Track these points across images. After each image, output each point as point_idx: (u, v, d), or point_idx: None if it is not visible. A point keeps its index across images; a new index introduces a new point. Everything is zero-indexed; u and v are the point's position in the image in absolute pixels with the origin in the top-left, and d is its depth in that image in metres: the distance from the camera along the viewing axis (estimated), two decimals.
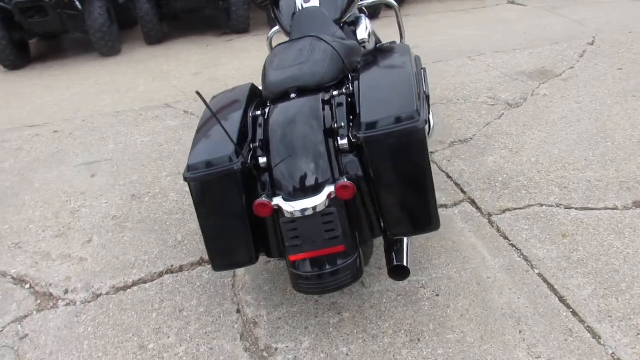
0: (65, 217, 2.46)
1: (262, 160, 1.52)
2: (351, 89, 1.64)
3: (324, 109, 1.55)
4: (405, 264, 1.50)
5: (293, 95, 1.60)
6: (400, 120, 1.41)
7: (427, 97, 2.00)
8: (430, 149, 2.66)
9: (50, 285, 2.02)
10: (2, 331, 1.83)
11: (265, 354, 1.63)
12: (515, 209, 2.15)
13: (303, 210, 1.40)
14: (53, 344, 1.74)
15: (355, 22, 2.42)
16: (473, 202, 2.23)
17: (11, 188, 2.80)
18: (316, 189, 1.42)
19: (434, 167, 2.50)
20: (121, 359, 1.66)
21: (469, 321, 1.64)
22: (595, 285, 1.71)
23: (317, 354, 1.60)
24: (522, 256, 1.89)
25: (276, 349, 1.64)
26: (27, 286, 2.04)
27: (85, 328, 1.80)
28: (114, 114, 3.66)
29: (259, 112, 1.64)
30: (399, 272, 1.52)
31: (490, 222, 2.09)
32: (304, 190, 1.43)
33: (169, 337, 1.72)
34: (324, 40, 1.77)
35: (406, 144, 1.41)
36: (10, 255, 2.23)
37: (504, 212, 2.15)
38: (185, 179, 1.50)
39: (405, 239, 1.57)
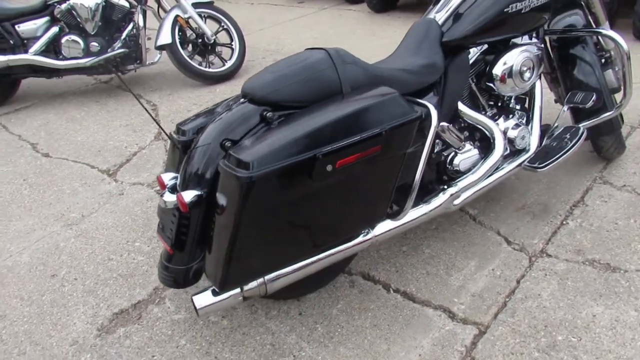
0: None
1: None
2: None
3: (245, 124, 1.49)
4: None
5: (242, 100, 1.58)
6: (239, 163, 1.28)
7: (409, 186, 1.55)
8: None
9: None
10: (122, 184, 2.67)
11: (144, 307, 1.86)
12: None
13: (163, 200, 1.50)
14: (111, 212, 2.45)
15: (502, 52, 1.88)
16: (480, 334, 1.60)
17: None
18: (181, 188, 1.48)
19: (517, 269, 1.82)
20: (110, 246, 2.22)
21: None
22: None
23: (160, 327, 1.74)
24: None
25: (152, 310, 1.84)
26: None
27: (129, 209, 2.42)
28: None
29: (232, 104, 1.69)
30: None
31: None
32: (179, 183, 1.51)
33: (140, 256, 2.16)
34: (331, 57, 1.57)
35: (229, 189, 1.29)
36: None
37: None
38: None
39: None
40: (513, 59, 1.84)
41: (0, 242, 2.27)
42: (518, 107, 2.03)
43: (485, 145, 1.91)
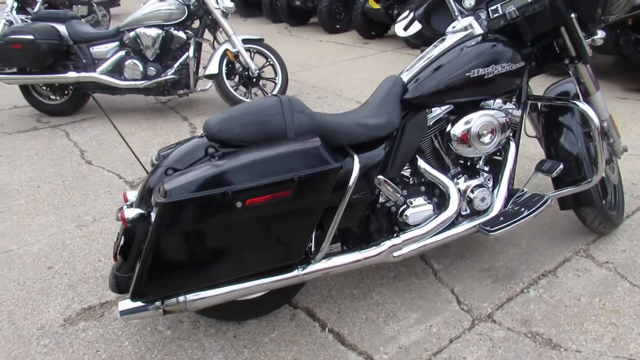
0: None
1: None
2: None
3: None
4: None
5: (201, 135, 1.77)
6: (162, 190, 1.46)
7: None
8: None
9: None
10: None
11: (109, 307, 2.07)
12: None
13: (117, 215, 1.73)
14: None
15: (467, 113, 1.92)
16: None
17: None
18: (136, 205, 1.69)
19: (455, 329, 1.82)
20: (105, 250, 2.47)
21: None
22: None
23: (112, 327, 1.93)
24: None
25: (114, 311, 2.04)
26: None
27: None
28: None
29: None
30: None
31: None
32: (135, 201, 1.72)
33: None
34: (281, 105, 1.72)
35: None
36: None
37: None
38: None
39: None
40: (472, 121, 1.87)
41: (23, 232, 2.63)
42: (487, 168, 2.04)
43: (442, 202, 1.94)
